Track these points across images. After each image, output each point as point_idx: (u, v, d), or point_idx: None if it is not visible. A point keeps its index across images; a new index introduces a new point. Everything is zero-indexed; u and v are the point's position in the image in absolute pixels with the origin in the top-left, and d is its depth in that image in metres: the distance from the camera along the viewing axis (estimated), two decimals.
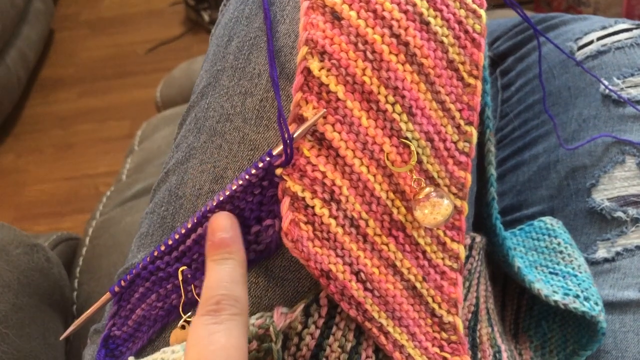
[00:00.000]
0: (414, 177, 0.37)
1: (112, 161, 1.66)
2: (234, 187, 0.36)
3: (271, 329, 0.33)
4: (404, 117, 0.36)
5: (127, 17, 2.17)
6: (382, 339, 0.36)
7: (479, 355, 0.43)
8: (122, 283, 0.40)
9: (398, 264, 0.37)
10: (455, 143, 0.38)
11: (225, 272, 0.32)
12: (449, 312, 0.39)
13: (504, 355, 0.44)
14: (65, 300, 0.68)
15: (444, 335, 0.39)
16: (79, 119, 1.85)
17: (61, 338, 0.42)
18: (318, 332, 0.36)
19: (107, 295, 0.40)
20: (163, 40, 2.03)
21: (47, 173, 1.71)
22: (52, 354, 0.61)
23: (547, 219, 0.53)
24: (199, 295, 0.38)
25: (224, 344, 0.29)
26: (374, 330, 0.36)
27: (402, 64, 0.35)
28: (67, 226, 1.52)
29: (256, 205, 0.36)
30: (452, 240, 0.39)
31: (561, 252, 0.50)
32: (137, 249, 0.43)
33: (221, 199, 0.36)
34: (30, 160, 1.75)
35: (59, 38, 2.15)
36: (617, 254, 0.52)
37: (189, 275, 0.38)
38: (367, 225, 0.36)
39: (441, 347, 0.39)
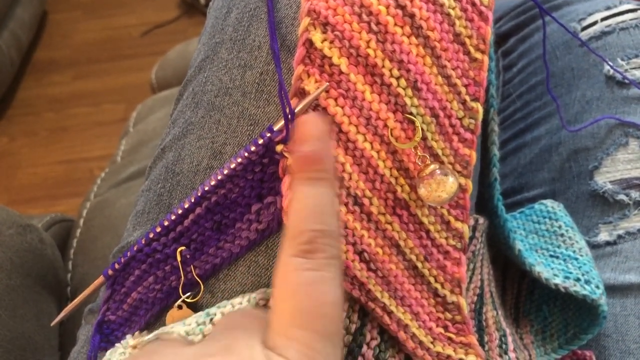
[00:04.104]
0: (419, 154, 0.36)
1: (106, 144, 1.64)
2: (233, 166, 0.35)
3: None
4: (409, 91, 0.35)
5: None
6: (386, 318, 0.35)
7: (486, 338, 0.42)
8: (116, 266, 0.39)
9: (402, 243, 0.36)
10: (460, 120, 0.37)
11: (318, 198, 0.27)
12: (452, 291, 0.38)
13: (509, 339, 0.44)
14: (59, 281, 0.67)
15: (448, 315, 0.38)
16: (73, 102, 1.83)
17: (52, 324, 0.41)
18: None
19: (100, 278, 0.39)
20: (158, 23, 2.01)
21: (41, 156, 1.70)
22: (46, 335, 0.60)
23: (548, 202, 0.52)
24: (199, 276, 0.37)
25: (322, 300, 0.25)
26: (377, 310, 0.35)
27: (408, 37, 0.34)
28: (61, 210, 1.51)
29: (257, 183, 0.35)
30: (456, 219, 0.38)
31: (562, 235, 0.50)
32: (132, 227, 0.42)
33: (219, 177, 0.35)
34: (24, 144, 1.74)
35: (53, 20, 2.12)
36: (619, 237, 0.52)
37: (188, 256, 0.37)
38: (371, 204, 0.35)
39: (446, 327, 0.38)
